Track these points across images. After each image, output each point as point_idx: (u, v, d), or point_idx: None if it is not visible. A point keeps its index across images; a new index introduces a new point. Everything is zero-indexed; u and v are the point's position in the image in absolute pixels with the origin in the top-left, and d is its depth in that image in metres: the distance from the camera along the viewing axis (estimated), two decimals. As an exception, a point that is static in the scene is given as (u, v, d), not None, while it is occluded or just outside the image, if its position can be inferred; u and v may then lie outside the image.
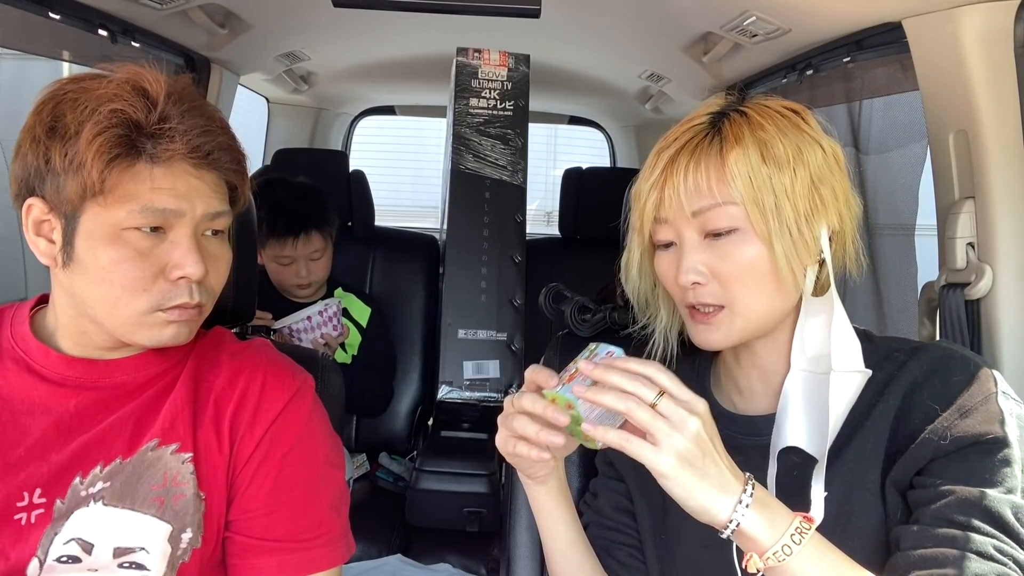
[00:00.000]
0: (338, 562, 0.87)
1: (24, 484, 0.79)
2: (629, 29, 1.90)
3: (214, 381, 0.87)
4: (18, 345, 0.85)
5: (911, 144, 1.37)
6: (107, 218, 0.77)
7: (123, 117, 0.76)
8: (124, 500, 0.80)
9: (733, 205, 0.76)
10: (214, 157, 0.81)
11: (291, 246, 1.87)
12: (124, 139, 0.76)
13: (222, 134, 0.82)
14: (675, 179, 0.78)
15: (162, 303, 0.80)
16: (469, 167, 1.92)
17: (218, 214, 0.83)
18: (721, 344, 0.82)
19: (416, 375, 2.22)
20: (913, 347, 0.80)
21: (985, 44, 0.99)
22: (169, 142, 0.77)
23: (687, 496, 0.66)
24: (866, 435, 0.77)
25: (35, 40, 1.56)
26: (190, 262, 0.80)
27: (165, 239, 0.80)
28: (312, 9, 1.79)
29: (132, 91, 0.78)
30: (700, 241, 0.79)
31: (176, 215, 0.79)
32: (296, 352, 1.01)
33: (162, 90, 0.79)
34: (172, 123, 0.78)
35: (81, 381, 0.84)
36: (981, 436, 0.70)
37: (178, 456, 0.83)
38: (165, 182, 0.78)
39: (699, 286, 0.79)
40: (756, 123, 0.78)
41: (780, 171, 0.76)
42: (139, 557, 0.79)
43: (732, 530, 0.67)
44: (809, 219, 0.77)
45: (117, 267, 0.78)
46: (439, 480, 1.78)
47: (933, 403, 0.74)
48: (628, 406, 0.67)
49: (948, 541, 0.68)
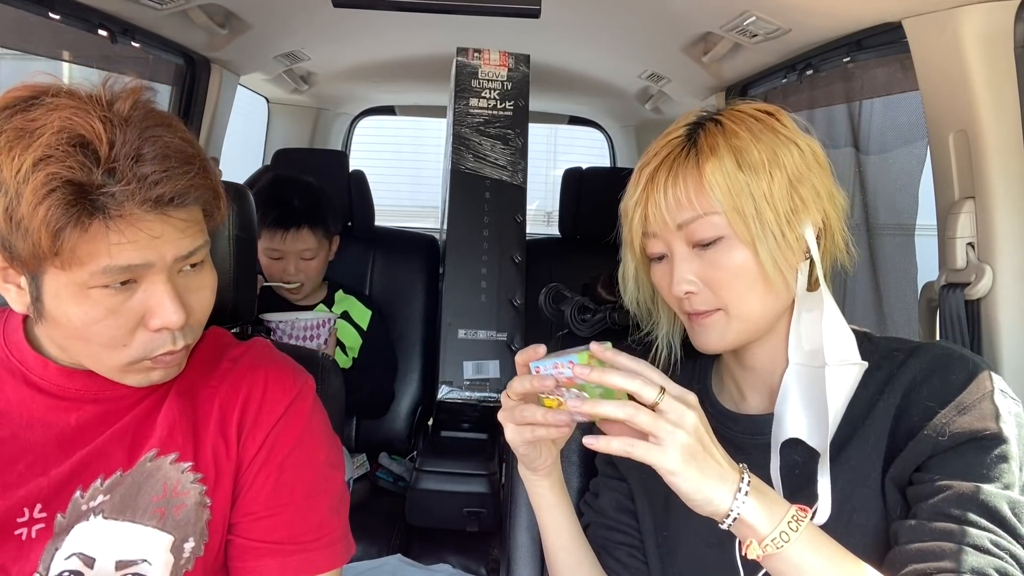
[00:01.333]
0: (338, 564, 0.87)
1: (24, 499, 0.78)
2: (629, 29, 1.90)
3: (217, 387, 0.86)
4: (13, 355, 0.82)
5: (911, 144, 1.36)
6: (70, 279, 0.70)
7: (62, 179, 0.65)
8: (124, 512, 0.79)
9: (715, 215, 0.78)
10: (179, 200, 0.71)
11: (280, 239, 1.84)
12: (70, 203, 0.66)
13: (183, 173, 0.70)
14: (656, 195, 0.80)
15: (145, 355, 0.76)
16: (469, 167, 1.92)
17: (192, 252, 0.75)
18: (718, 347, 0.83)
19: (416, 375, 2.22)
20: (912, 346, 0.81)
21: (985, 44, 0.99)
22: (121, 199, 0.67)
23: (693, 490, 0.67)
24: (867, 433, 0.78)
25: (35, 40, 1.56)
26: (168, 311, 0.73)
27: (137, 289, 0.73)
28: (312, 9, 1.79)
29: (68, 145, 0.66)
30: (689, 251, 0.80)
31: (144, 268, 0.71)
32: (296, 352, 1.01)
33: (103, 136, 0.67)
34: (119, 175, 0.67)
35: (81, 394, 0.81)
36: (978, 432, 0.71)
37: (178, 466, 0.82)
38: (126, 236, 0.69)
39: (692, 295, 0.81)
40: (730, 131, 0.79)
41: (757, 176, 0.77)
42: (142, 569, 0.79)
43: (733, 518, 0.68)
44: (791, 220, 0.78)
45: (90, 328, 0.72)
46: (439, 480, 1.77)
47: (932, 401, 0.74)
48: (628, 412, 0.67)
49: (945, 535, 0.68)
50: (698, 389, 0.91)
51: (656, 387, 0.68)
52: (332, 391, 1.05)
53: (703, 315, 0.82)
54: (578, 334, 1.10)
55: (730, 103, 0.85)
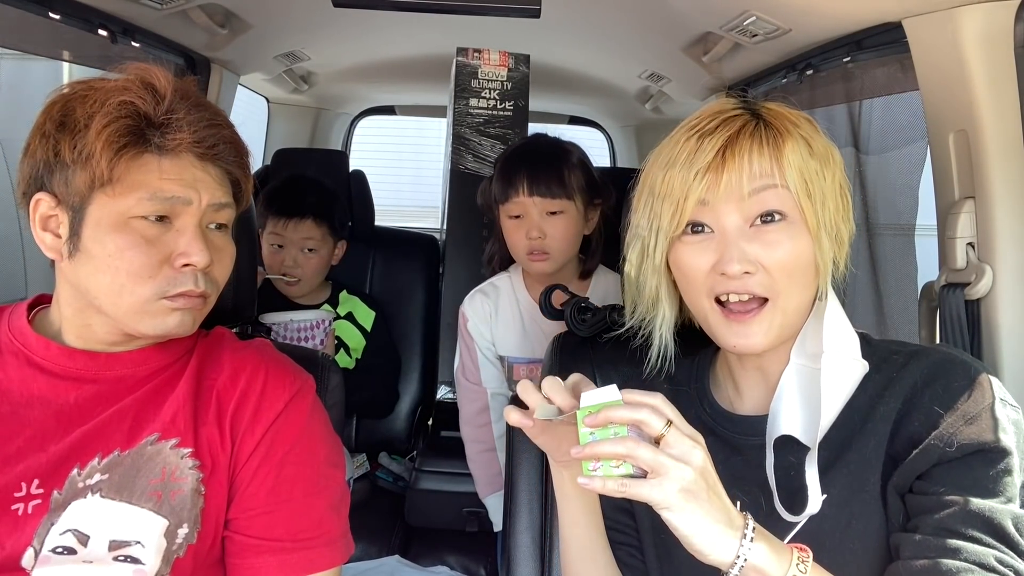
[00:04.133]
0: (338, 562, 0.87)
1: (22, 475, 0.79)
2: (629, 29, 1.90)
3: (216, 378, 0.88)
4: (16, 339, 0.85)
5: (911, 144, 1.37)
6: (114, 207, 0.79)
7: (132, 108, 0.79)
8: (122, 493, 0.80)
9: (787, 190, 0.76)
10: (218, 150, 0.84)
11: (283, 225, 1.86)
12: (132, 129, 0.78)
13: (226, 129, 0.85)
14: (739, 159, 0.75)
15: (167, 290, 0.81)
16: (469, 167, 1.92)
17: (223, 205, 0.85)
18: (761, 345, 0.78)
19: (416, 375, 2.22)
20: (912, 350, 0.80)
21: (985, 44, 0.99)
22: (176, 132, 0.80)
23: (692, 531, 0.65)
24: (866, 438, 0.77)
25: (35, 40, 1.56)
26: (196, 249, 0.81)
27: (171, 228, 0.82)
28: (312, 9, 1.79)
29: (141, 85, 0.81)
30: (745, 228, 0.77)
31: (183, 203, 0.81)
32: (296, 352, 1.01)
33: (169, 85, 0.82)
34: (179, 115, 0.80)
35: (81, 373, 0.84)
36: (985, 445, 0.71)
37: (177, 451, 0.83)
38: (172, 171, 0.80)
39: (748, 275, 0.76)
40: (789, 119, 0.78)
41: (823, 167, 0.77)
42: (134, 551, 0.79)
43: (740, 566, 0.65)
44: (844, 218, 0.79)
45: (123, 254, 0.79)
46: (439, 480, 1.78)
47: (936, 408, 0.74)
48: (628, 448, 0.65)
49: (949, 552, 0.68)
50: (696, 388, 0.91)
51: (663, 418, 0.66)
52: (332, 391, 1.06)
53: (745, 313, 0.78)
54: (578, 334, 1.10)
55: (758, 101, 0.82)
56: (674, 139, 0.80)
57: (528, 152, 1.53)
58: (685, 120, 0.82)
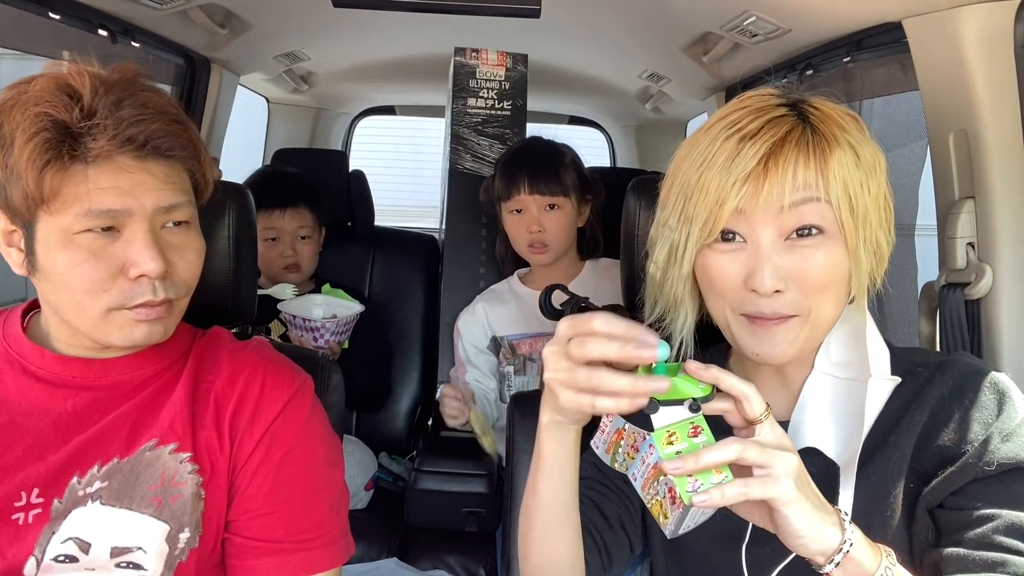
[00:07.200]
0: (338, 563, 0.87)
1: (22, 484, 0.79)
2: (629, 29, 1.90)
3: (214, 381, 0.87)
4: (11, 347, 0.84)
5: (911, 144, 1.37)
6: (56, 224, 0.75)
7: (49, 120, 0.72)
8: (122, 500, 0.80)
9: (828, 205, 0.72)
10: (154, 145, 0.76)
11: (277, 217, 1.87)
12: (52, 142, 0.72)
13: (159, 120, 0.76)
14: (781, 171, 0.71)
15: (124, 302, 0.77)
16: (467, 167, 1.92)
17: (173, 206, 0.79)
18: (786, 356, 0.75)
19: (415, 375, 2.22)
20: (938, 361, 0.78)
21: (985, 44, 0.99)
22: (99, 138, 0.73)
23: (806, 522, 0.61)
24: (890, 450, 0.76)
25: (35, 40, 1.56)
26: (146, 259, 0.76)
27: (119, 238, 0.77)
28: (312, 9, 1.79)
29: (56, 90, 0.74)
30: (780, 242, 0.73)
31: (124, 214, 0.75)
32: (295, 352, 1.01)
33: (86, 84, 0.74)
34: (98, 118, 0.73)
35: (77, 381, 0.83)
36: (1023, 462, 0.70)
37: (176, 456, 0.82)
38: (105, 181, 0.74)
39: (779, 295, 0.73)
40: (838, 123, 0.74)
41: (868, 178, 0.73)
42: (136, 557, 0.79)
43: (845, 551, 0.62)
44: (886, 231, 0.75)
45: (73, 271, 0.76)
46: (438, 480, 1.77)
47: (966, 421, 0.72)
48: (735, 450, 0.62)
49: (995, 566, 0.67)
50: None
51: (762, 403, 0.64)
52: (332, 391, 1.05)
53: (773, 322, 0.74)
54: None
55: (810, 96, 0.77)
56: (711, 134, 0.75)
57: (528, 153, 1.70)
58: (722, 111, 0.77)
